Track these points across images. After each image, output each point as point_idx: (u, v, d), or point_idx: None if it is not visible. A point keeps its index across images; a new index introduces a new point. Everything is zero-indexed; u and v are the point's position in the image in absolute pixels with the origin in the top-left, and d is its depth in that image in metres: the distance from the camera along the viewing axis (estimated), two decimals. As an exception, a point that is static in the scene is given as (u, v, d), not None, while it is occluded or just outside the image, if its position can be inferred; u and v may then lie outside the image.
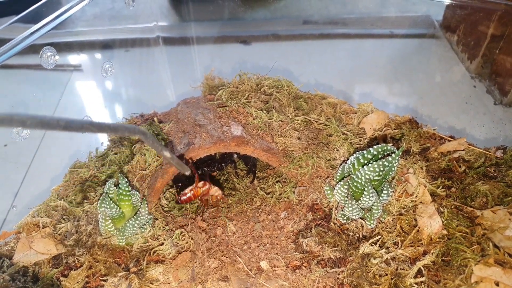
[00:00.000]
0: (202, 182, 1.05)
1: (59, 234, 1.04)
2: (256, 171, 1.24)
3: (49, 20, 1.16)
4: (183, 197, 1.05)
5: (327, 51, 1.94)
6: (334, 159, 1.11)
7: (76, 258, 0.98)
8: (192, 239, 1.02)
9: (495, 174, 1.07)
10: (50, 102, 1.50)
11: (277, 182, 1.18)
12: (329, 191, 1.04)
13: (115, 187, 0.97)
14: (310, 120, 1.23)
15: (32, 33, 1.11)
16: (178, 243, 1.02)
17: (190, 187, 1.05)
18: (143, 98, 1.63)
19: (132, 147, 1.18)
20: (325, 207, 1.05)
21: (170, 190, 1.18)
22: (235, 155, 1.24)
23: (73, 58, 1.63)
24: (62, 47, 1.18)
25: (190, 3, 1.92)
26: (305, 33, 2.04)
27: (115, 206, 0.96)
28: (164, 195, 1.16)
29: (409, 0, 1.99)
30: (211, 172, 1.26)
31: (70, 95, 1.58)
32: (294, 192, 1.10)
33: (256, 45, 1.97)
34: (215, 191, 1.07)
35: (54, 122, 0.51)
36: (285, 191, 1.12)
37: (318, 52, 1.93)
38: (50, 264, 0.98)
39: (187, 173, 0.95)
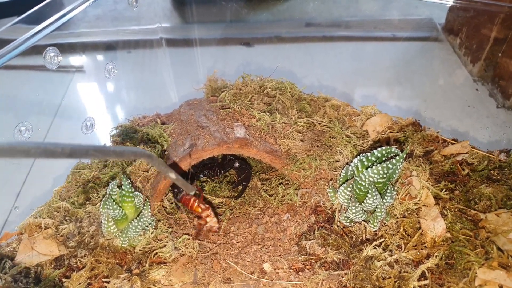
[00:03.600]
0: (206, 206, 1.03)
1: (61, 235, 1.03)
2: (247, 187, 1.20)
3: (51, 21, 1.16)
4: (184, 198, 1.04)
5: (330, 53, 1.94)
6: (337, 161, 1.11)
7: (79, 260, 0.97)
8: (194, 249, 1.02)
9: (499, 177, 1.07)
10: (52, 103, 1.49)
11: (280, 184, 1.17)
12: (332, 194, 1.03)
13: (118, 189, 0.97)
14: (313, 122, 1.22)
15: (34, 34, 1.11)
16: (180, 248, 1.02)
17: (194, 197, 1.03)
18: (145, 100, 1.63)
19: (135, 149, 1.18)
20: (328, 210, 1.04)
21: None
22: (237, 164, 1.22)
23: (75, 59, 1.62)
24: (64, 48, 1.18)
25: (193, 5, 1.92)
26: (308, 35, 2.04)
27: (118, 208, 0.96)
28: (167, 196, 1.16)
29: (411, 3, 1.99)
30: (212, 175, 1.25)
31: (73, 96, 1.58)
32: (297, 194, 1.10)
33: (258, 47, 1.97)
34: (212, 222, 1.03)
35: (59, 150, 0.51)
36: (288, 193, 1.12)
37: (321, 54, 1.93)
38: (52, 266, 0.97)
39: (192, 192, 0.95)
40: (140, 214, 1.01)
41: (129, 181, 0.97)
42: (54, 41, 1.13)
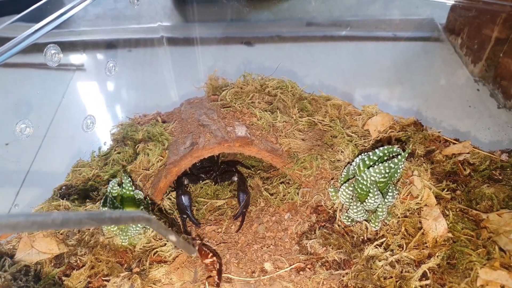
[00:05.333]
0: (210, 260, 0.95)
1: (61, 234, 1.03)
2: (248, 210, 1.14)
3: (51, 19, 1.15)
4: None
5: (331, 53, 1.94)
6: (339, 160, 1.10)
7: (78, 258, 0.97)
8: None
9: (500, 177, 1.06)
10: (52, 101, 1.49)
11: (281, 183, 1.17)
12: (333, 193, 1.03)
13: (118, 187, 0.97)
14: (314, 121, 1.22)
15: (34, 32, 1.10)
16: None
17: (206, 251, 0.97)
18: (146, 98, 1.62)
19: (136, 147, 1.18)
20: (329, 209, 1.04)
21: (173, 192, 1.17)
22: (235, 178, 1.19)
23: (76, 58, 1.62)
24: (65, 47, 1.17)
25: (194, 3, 1.92)
26: (309, 35, 2.04)
27: (118, 206, 0.96)
28: (167, 195, 1.15)
29: (412, 3, 1.99)
30: (208, 178, 1.23)
31: (73, 94, 1.58)
32: (298, 193, 1.10)
33: (259, 47, 1.97)
34: (216, 277, 0.95)
35: (49, 221, 0.45)
36: (289, 193, 1.12)
37: (322, 54, 1.93)
38: (52, 264, 0.97)
39: (194, 254, 0.89)
40: (141, 212, 1.01)
41: (129, 179, 0.96)
42: (54, 39, 1.13)
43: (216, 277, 0.93)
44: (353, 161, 0.99)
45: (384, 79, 1.74)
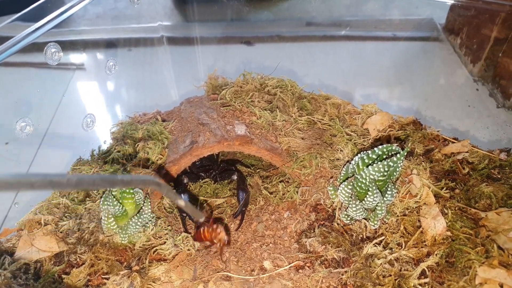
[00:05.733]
0: (214, 226, 0.94)
1: (61, 232, 1.03)
2: (247, 208, 1.13)
3: (51, 18, 1.16)
4: (197, 236, 0.98)
5: (331, 52, 1.94)
6: (338, 159, 1.10)
7: (78, 256, 0.97)
8: (193, 246, 1.02)
9: (499, 176, 1.07)
10: (52, 99, 1.49)
11: (280, 181, 1.17)
12: (332, 192, 1.03)
13: (118, 185, 0.97)
14: (313, 120, 1.22)
15: (34, 31, 1.10)
16: (179, 245, 1.01)
17: (203, 228, 0.95)
18: (146, 97, 1.63)
19: (135, 145, 1.18)
20: (329, 208, 1.04)
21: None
22: (235, 177, 1.18)
23: (76, 57, 1.63)
24: (65, 46, 1.18)
25: (194, 3, 1.92)
26: (309, 34, 2.05)
27: (118, 204, 0.96)
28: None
29: (412, 3, 2.00)
30: (208, 177, 1.23)
31: (73, 94, 1.58)
32: (297, 192, 1.10)
33: (259, 46, 1.97)
34: (223, 238, 0.95)
35: (64, 181, 0.47)
36: (288, 191, 1.12)
37: (321, 53, 1.93)
38: (52, 262, 0.97)
39: (201, 219, 0.89)
40: (140, 211, 1.01)
41: (129, 177, 0.96)
42: (54, 38, 1.13)
43: (225, 237, 0.93)
44: (352, 159, 0.99)
45: (384, 78, 1.74)
